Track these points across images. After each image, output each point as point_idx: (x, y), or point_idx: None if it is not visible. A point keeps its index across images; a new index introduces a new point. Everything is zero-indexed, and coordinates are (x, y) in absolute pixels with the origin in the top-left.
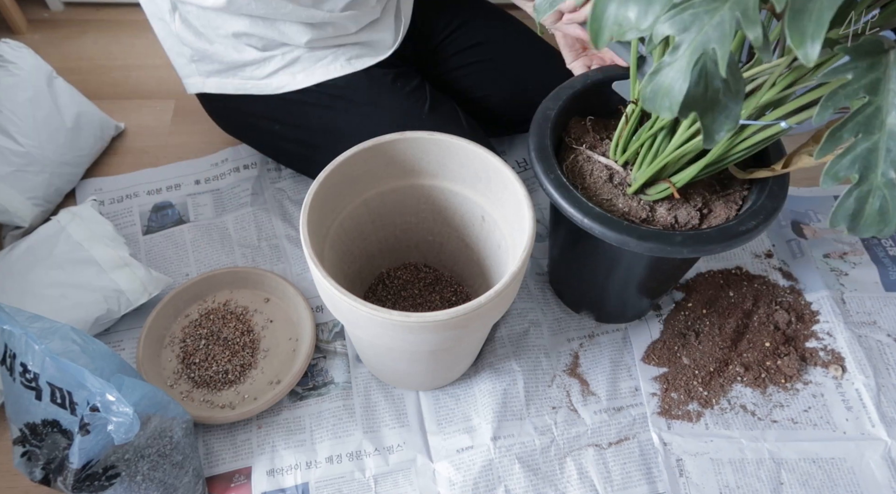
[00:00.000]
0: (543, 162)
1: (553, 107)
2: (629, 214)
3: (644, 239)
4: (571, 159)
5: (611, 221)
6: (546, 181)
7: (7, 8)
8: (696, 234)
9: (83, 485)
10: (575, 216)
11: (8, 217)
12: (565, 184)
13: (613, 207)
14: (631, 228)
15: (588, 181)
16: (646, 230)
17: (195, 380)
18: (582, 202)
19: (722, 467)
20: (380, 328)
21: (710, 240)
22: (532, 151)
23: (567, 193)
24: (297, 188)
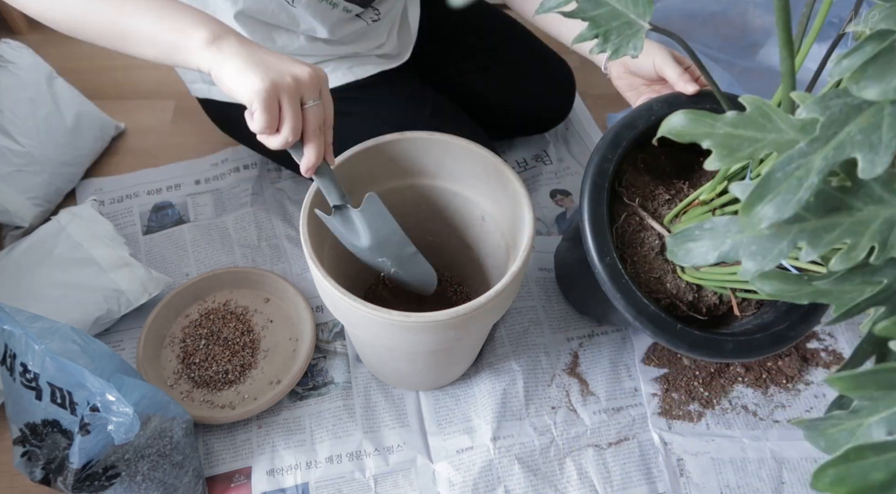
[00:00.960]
0: (598, 239)
1: (612, 156)
2: (676, 295)
3: (696, 347)
4: (623, 220)
5: (663, 322)
6: (600, 266)
7: (7, 8)
8: (746, 341)
9: (83, 485)
10: (628, 312)
11: (8, 217)
12: (620, 273)
13: (661, 286)
14: (684, 333)
15: (639, 253)
16: (698, 337)
17: (195, 380)
18: (636, 298)
19: (723, 466)
20: (380, 328)
21: (761, 347)
22: (586, 220)
23: (621, 285)
24: (297, 188)
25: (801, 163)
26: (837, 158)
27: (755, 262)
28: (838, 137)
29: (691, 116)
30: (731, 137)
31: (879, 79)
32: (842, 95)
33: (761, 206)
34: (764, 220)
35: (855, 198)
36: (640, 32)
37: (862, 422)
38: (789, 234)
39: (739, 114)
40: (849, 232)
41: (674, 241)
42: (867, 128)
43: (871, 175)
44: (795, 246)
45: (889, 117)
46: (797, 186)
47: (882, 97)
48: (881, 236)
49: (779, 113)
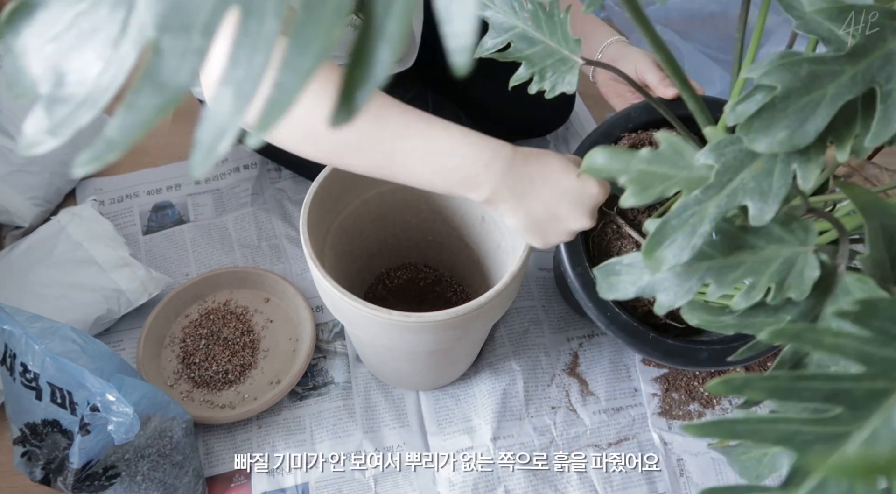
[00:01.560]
0: (570, 248)
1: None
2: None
3: (669, 355)
4: (600, 229)
5: (636, 331)
6: (572, 275)
7: (6, 7)
8: (721, 349)
9: (83, 485)
10: (600, 321)
11: (8, 217)
12: (592, 282)
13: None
14: (657, 342)
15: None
16: (672, 346)
17: (195, 380)
18: (607, 307)
19: (723, 466)
20: (379, 328)
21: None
22: None
23: (593, 293)
24: (297, 188)
25: (695, 210)
26: (730, 205)
27: (668, 297)
28: (732, 185)
29: (610, 152)
30: (644, 175)
31: (766, 133)
32: (735, 141)
33: (660, 250)
34: (664, 263)
35: (757, 237)
36: (574, 68)
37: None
38: (698, 271)
39: (654, 151)
40: (751, 271)
41: (600, 274)
42: (759, 175)
43: (760, 222)
44: (703, 282)
45: (781, 165)
46: (691, 233)
47: (769, 150)
48: (779, 275)
49: (689, 151)
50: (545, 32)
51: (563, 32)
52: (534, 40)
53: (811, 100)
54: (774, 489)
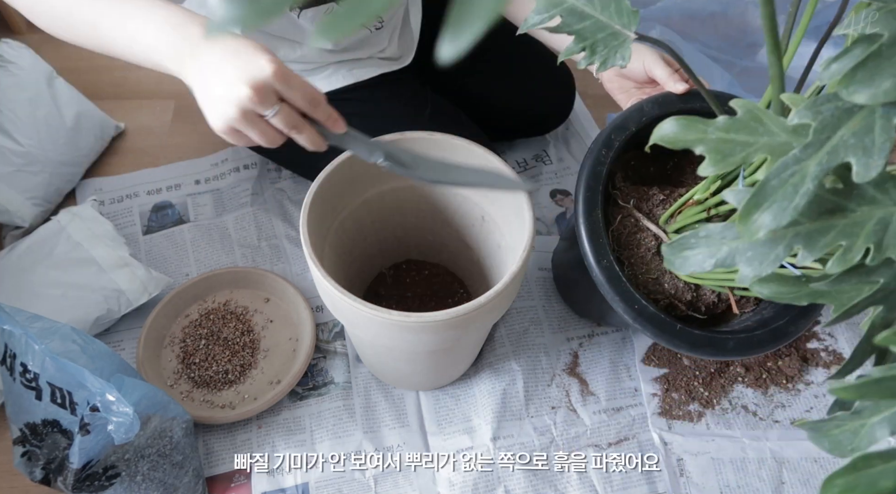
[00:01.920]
0: (594, 243)
1: (605, 159)
2: (675, 295)
3: (697, 346)
4: (619, 222)
5: (663, 323)
6: (597, 269)
7: (7, 8)
8: (747, 338)
9: (83, 485)
10: (627, 313)
11: (8, 217)
12: (618, 275)
13: (660, 287)
14: (684, 333)
15: (636, 254)
16: (699, 336)
17: (195, 380)
18: (635, 299)
19: (723, 466)
20: (379, 327)
21: (761, 343)
22: (582, 224)
23: (619, 287)
24: (297, 188)
25: (795, 169)
26: (832, 162)
27: (752, 267)
28: (831, 142)
29: (683, 122)
30: (723, 142)
31: (869, 83)
32: (832, 99)
33: (758, 214)
34: (762, 228)
35: (848, 200)
36: (627, 42)
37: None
38: (785, 238)
39: (731, 118)
40: (844, 234)
41: (670, 250)
42: (859, 131)
43: (865, 179)
44: (791, 250)
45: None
46: (793, 192)
47: (872, 101)
48: (876, 236)
49: (770, 116)
50: (596, 6)
51: (616, 6)
52: (584, 14)
53: None
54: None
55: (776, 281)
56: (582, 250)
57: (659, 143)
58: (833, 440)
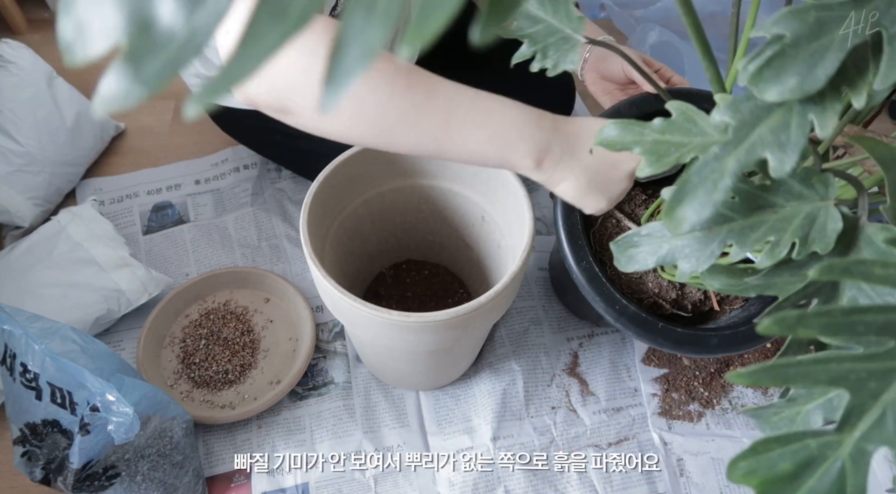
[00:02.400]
0: (573, 244)
1: None
2: (659, 294)
3: (680, 344)
4: (600, 224)
5: (645, 322)
6: (577, 270)
7: (7, 8)
8: (731, 335)
9: (83, 485)
10: (608, 314)
11: (8, 217)
12: (598, 276)
13: (643, 286)
14: (667, 330)
15: None
16: (682, 334)
17: (195, 380)
18: (616, 299)
19: (723, 466)
20: (379, 327)
21: (746, 340)
22: (560, 225)
23: (600, 287)
24: (297, 188)
25: (715, 166)
26: (749, 159)
27: (690, 263)
28: (750, 139)
29: (622, 125)
30: (658, 144)
31: (776, 81)
32: (751, 98)
33: (681, 209)
34: (684, 221)
35: (776, 196)
36: (577, 46)
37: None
38: (719, 235)
39: (666, 120)
40: (773, 229)
41: (617, 248)
42: (777, 128)
43: (780, 174)
44: (725, 245)
45: (797, 117)
46: (713, 188)
47: (780, 98)
48: (803, 231)
49: (703, 117)
50: (548, 11)
51: (565, 11)
52: (536, 19)
53: (820, 45)
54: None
55: (724, 274)
56: (562, 251)
57: (600, 146)
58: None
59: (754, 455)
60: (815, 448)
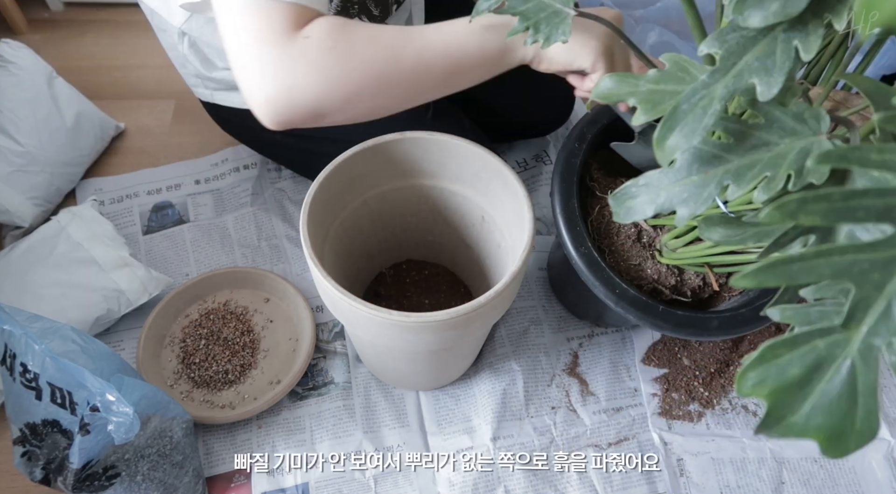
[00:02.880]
0: (572, 231)
1: (578, 151)
2: (658, 280)
3: (680, 326)
4: (597, 212)
5: (646, 305)
6: (576, 256)
7: (7, 8)
8: (731, 317)
9: (83, 485)
10: (608, 298)
11: (8, 217)
12: (597, 261)
13: (642, 273)
14: (667, 313)
15: (616, 242)
16: (682, 317)
17: (195, 380)
18: (616, 283)
19: (723, 466)
20: (379, 328)
21: (745, 322)
22: (558, 214)
23: (599, 272)
24: (297, 188)
25: (703, 93)
26: (737, 85)
27: (688, 207)
28: (737, 67)
29: (617, 78)
30: (653, 93)
31: (759, 6)
32: (737, 29)
33: (672, 137)
34: (676, 149)
35: (770, 133)
36: (567, 19)
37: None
38: (715, 177)
39: (660, 71)
40: (769, 166)
41: (615, 201)
42: (762, 55)
43: (767, 97)
44: (722, 187)
45: (782, 43)
46: (702, 114)
47: (764, 23)
48: (797, 164)
49: (696, 66)
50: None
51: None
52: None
53: None
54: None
55: (722, 224)
56: (560, 238)
57: (597, 99)
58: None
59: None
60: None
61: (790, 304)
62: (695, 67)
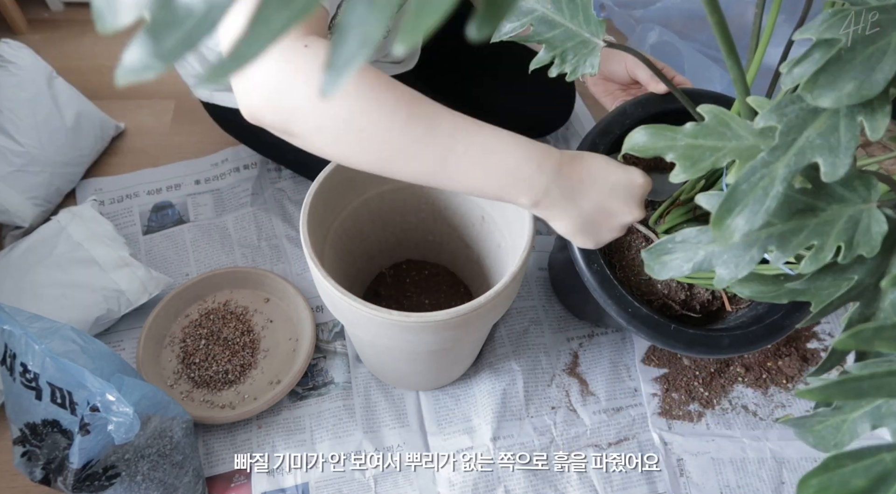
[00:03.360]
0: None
1: None
2: (668, 295)
3: (692, 345)
4: None
5: (657, 324)
6: (588, 273)
7: (7, 8)
8: (742, 335)
9: (83, 485)
10: (620, 317)
11: (8, 217)
12: (609, 279)
13: (653, 288)
14: (679, 333)
15: (627, 257)
16: (693, 335)
17: (195, 380)
18: (628, 302)
19: (723, 466)
20: (379, 328)
21: (757, 339)
22: None
23: (612, 290)
24: (297, 188)
25: (764, 172)
26: (799, 164)
27: (728, 270)
28: (798, 143)
29: (652, 130)
30: (692, 148)
31: (832, 87)
32: (796, 100)
33: (731, 219)
34: (736, 231)
35: (818, 199)
36: (596, 50)
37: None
38: (759, 240)
39: (699, 124)
40: (815, 233)
41: (649, 256)
42: (825, 132)
43: (834, 178)
44: (765, 251)
45: (845, 119)
46: (763, 195)
47: (836, 105)
48: (847, 234)
49: (737, 120)
50: (566, 15)
51: (584, 15)
52: (554, 23)
53: (877, 49)
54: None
55: (756, 281)
56: (572, 254)
57: (630, 152)
58: (817, 436)
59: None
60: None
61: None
62: (736, 121)
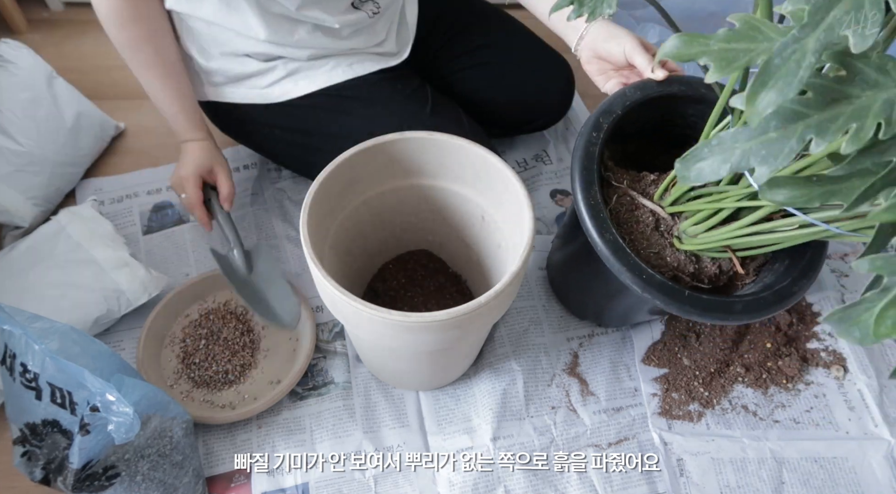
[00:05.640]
0: (595, 218)
1: (596, 140)
2: (678, 268)
3: (707, 311)
4: (615, 201)
5: (672, 290)
6: (601, 243)
7: (7, 8)
8: (754, 300)
9: (83, 485)
10: (635, 284)
11: (8, 217)
12: (623, 248)
13: (662, 260)
14: (693, 298)
15: (635, 231)
16: (708, 301)
17: (195, 380)
18: (642, 269)
19: (723, 466)
20: (380, 328)
21: (768, 305)
22: (581, 202)
23: (625, 258)
24: (297, 188)
25: (795, 48)
26: (829, 37)
27: (767, 164)
28: (826, 21)
29: (686, 38)
30: (725, 51)
31: None
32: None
33: (765, 92)
34: (769, 105)
35: (852, 86)
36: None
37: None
38: (796, 132)
39: (730, 30)
40: (853, 117)
41: (682, 165)
42: (852, 8)
43: (861, 49)
44: (804, 141)
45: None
46: (796, 67)
47: None
48: (885, 113)
49: (767, 24)
50: None
51: None
52: None
53: None
54: None
55: (790, 185)
56: (584, 227)
57: (665, 58)
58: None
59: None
60: None
61: (879, 254)
62: (766, 25)
